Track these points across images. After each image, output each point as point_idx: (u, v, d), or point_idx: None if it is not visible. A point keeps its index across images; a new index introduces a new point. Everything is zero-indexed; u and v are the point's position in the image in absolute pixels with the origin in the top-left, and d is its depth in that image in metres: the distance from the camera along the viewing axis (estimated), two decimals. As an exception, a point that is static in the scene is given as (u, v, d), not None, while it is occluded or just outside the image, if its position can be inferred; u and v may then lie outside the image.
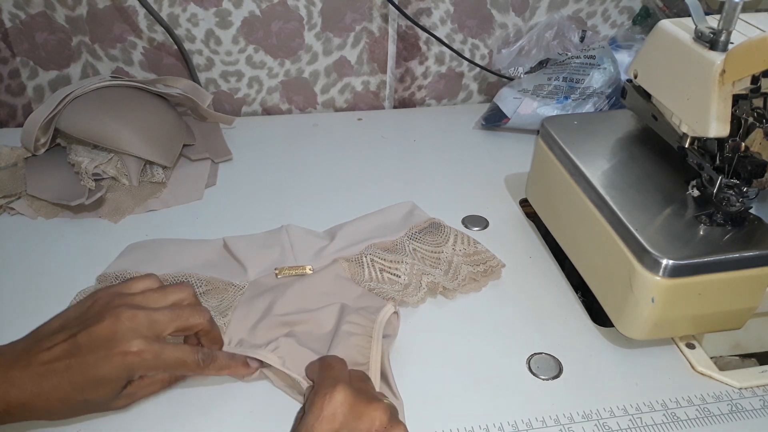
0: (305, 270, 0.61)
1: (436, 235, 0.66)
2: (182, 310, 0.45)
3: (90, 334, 0.40)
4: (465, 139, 0.88)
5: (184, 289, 0.46)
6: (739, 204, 0.52)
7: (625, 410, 0.51)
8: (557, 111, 0.83)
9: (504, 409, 0.50)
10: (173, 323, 0.44)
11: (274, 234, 0.65)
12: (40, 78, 0.87)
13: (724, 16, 0.49)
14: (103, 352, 0.40)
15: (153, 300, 0.44)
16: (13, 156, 0.76)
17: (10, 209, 0.70)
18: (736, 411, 0.51)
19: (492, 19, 0.92)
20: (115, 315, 0.41)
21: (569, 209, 0.62)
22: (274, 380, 0.52)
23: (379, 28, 0.90)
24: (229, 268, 0.62)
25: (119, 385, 0.42)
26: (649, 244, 0.50)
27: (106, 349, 0.40)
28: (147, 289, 0.46)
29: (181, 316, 0.44)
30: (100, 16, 0.84)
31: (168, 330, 0.43)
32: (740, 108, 0.51)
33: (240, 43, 0.87)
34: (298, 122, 0.91)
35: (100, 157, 0.73)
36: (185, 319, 0.44)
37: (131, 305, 0.42)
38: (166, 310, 0.44)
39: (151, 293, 0.45)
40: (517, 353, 0.55)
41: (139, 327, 0.41)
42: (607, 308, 0.56)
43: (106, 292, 0.44)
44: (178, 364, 0.44)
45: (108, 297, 0.43)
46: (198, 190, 0.76)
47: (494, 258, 0.64)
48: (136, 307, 0.42)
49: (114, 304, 0.42)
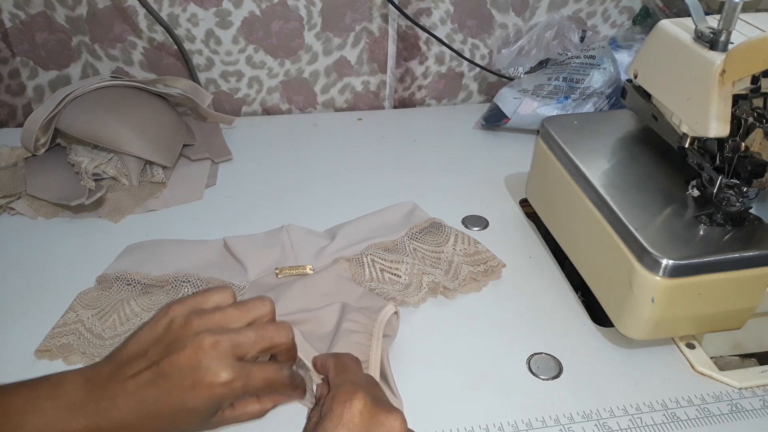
0: (306, 270, 0.61)
1: (436, 234, 0.66)
2: (266, 330, 0.41)
3: (173, 363, 0.38)
4: (465, 139, 0.88)
5: (265, 304, 0.42)
6: (739, 204, 0.52)
7: (625, 410, 0.51)
8: (557, 111, 0.83)
9: (504, 409, 0.50)
10: (258, 345, 0.40)
11: (275, 234, 0.65)
12: (40, 78, 0.87)
13: (724, 16, 0.49)
14: (189, 382, 0.37)
15: (233, 318, 0.41)
16: (13, 156, 0.76)
17: (10, 209, 0.70)
18: (736, 411, 0.51)
19: (492, 19, 0.92)
20: (197, 342, 0.38)
21: (569, 209, 0.62)
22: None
23: (379, 28, 0.90)
24: (230, 268, 0.62)
25: (208, 415, 0.40)
26: (649, 244, 0.50)
27: (192, 380, 0.37)
28: (223, 303, 0.42)
29: (265, 336, 0.41)
30: (100, 16, 0.84)
31: (252, 352, 0.40)
32: (740, 108, 0.51)
33: (240, 43, 0.87)
34: (298, 122, 0.91)
35: (100, 157, 0.73)
36: (270, 339, 0.41)
37: (212, 330, 0.39)
38: (250, 332, 0.40)
39: (230, 310, 0.41)
40: (517, 353, 0.55)
41: (223, 354, 0.38)
42: (607, 308, 0.56)
43: (181, 307, 0.41)
44: (267, 385, 0.41)
45: (185, 316, 0.40)
46: (198, 190, 0.76)
47: (495, 258, 0.64)
48: (217, 331, 0.39)
49: (194, 328, 0.39)
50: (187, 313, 0.40)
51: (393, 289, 0.59)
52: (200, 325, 0.39)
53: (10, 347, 0.54)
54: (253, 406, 0.43)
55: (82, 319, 0.56)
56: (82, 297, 0.58)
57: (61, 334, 0.54)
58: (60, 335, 0.54)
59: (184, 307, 0.41)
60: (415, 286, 0.60)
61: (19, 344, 0.54)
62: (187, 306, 0.41)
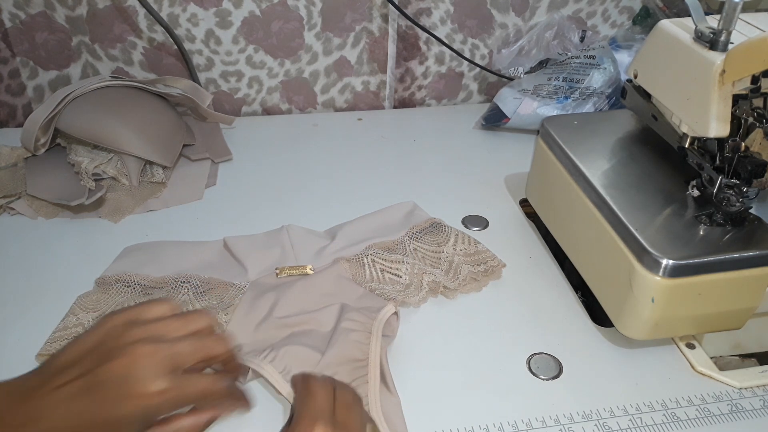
0: (306, 270, 0.61)
1: (436, 234, 0.66)
2: (204, 341, 0.40)
3: (107, 371, 0.37)
4: (465, 139, 0.88)
5: (204, 317, 0.42)
6: (739, 204, 0.52)
7: (625, 410, 0.51)
8: (557, 111, 0.83)
9: (504, 409, 0.50)
10: (195, 355, 0.39)
11: (275, 234, 0.65)
12: (40, 78, 0.87)
13: (724, 16, 0.49)
14: (123, 392, 0.36)
15: (172, 329, 0.40)
16: (13, 156, 0.76)
17: (10, 209, 0.70)
18: (736, 411, 0.51)
19: (492, 19, 0.92)
20: (133, 351, 0.37)
21: (569, 209, 0.62)
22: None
23: (379, 28, 0.90)
24: (230, 268, 0.62)
25: (141, 426, 0.39)
26: (649, 244, 0.50)
27: (126, 389, 0.37)
28: (163, 315, 0.41)
29: (203, 347, 0.40)
30: (100, 16, 0.84)
31: (189, 362, 0.39)
32: (740, 108, 0.51)
33: (240, 43, 0.87)
34: (298, 122, 0.91)
35: (100, 157, 0.73)
36: (208, 349, 0.40)
37: (149, 339, 0.38)
38: (187, 342, 0.40)
39: (170, 321, 0.40)
40: (517, 353, 0.55)
41: (159, 364, 0.37)
42: (607, 308, 0.56)
43: (120, 318, 0.40)
44: (203, 396, 0.40)
45: (122, 326, 0.39)
46: (198, 190, 0.76)
47: (495, 258, 0.64)
48: (154, 341, 0.38)
49: (131, 337, 0.38)
50: (124, 323, 0.39)
51: (393, 290, 0.59)
52: (137, 335, 0.38)
53: (10, 347, 0.54)
54: (188, 419, 0.41)
55: (82, 322, 0.56)
56: (82, 300, 0.58)
57: (62, 338, 0.54)
58: (61, 339, 0.54)
59: (122, 317, 0.40)
60: (415, 286, 0.60)
61: (19, 344, 0.54)
62: (125, 316, 0.40)
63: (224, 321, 0.54)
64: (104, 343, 0.38)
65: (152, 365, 0.37)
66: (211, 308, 0.56)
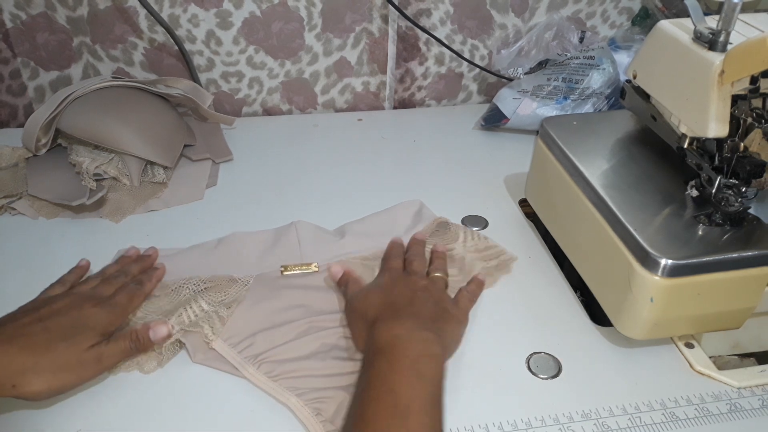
0: (311, 267, 0.61)
1: (444, 234, 0.66)
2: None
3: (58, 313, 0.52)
4: (465, 139, 0.88)
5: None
6: (737, 204, 0.52)
7: (624, 409, 0.51)
8: (556, 111, 0.84)
9: (503, 409, 0.51)
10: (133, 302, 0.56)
11: (283, 230, 0.66)
12: (41, 78, 0.87)
13: (723, 17, 0.49)
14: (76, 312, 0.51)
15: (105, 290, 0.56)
16: (15, 156, 0.76)
17: (11, 209, 0.71)
18: (735, 410, 0.51)
19: (491, 19, 0.92)
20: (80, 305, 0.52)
21: (568, 209, 0.62)
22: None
23: (379, 28, 0.90)
24: (233, 264, 0.62)
25: (96, 333, 0.50)
26: (648, 244, 0.50)
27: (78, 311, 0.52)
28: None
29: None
30: (101, 17, 0.84)
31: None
32: (739, 108, 0.52)
33: (240, 44, 0.87)
34: (299, 123, 0.92)
35: (101, 158, 0.73)
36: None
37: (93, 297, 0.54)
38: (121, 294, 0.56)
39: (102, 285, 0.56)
40: (516, 352, 0.56)
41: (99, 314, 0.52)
42: (607, 308, 0.56)
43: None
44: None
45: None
46: (199, 190, 0.76)
47: (505, 252, 0.64)
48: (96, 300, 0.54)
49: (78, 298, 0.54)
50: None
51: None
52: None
53: (12, 347, 0.54)
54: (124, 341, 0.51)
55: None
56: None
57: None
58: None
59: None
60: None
61: (20, 344, 0.54)
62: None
63: (226, 315, 0.54)
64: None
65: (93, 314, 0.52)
66: (216, 303, 0.56)
